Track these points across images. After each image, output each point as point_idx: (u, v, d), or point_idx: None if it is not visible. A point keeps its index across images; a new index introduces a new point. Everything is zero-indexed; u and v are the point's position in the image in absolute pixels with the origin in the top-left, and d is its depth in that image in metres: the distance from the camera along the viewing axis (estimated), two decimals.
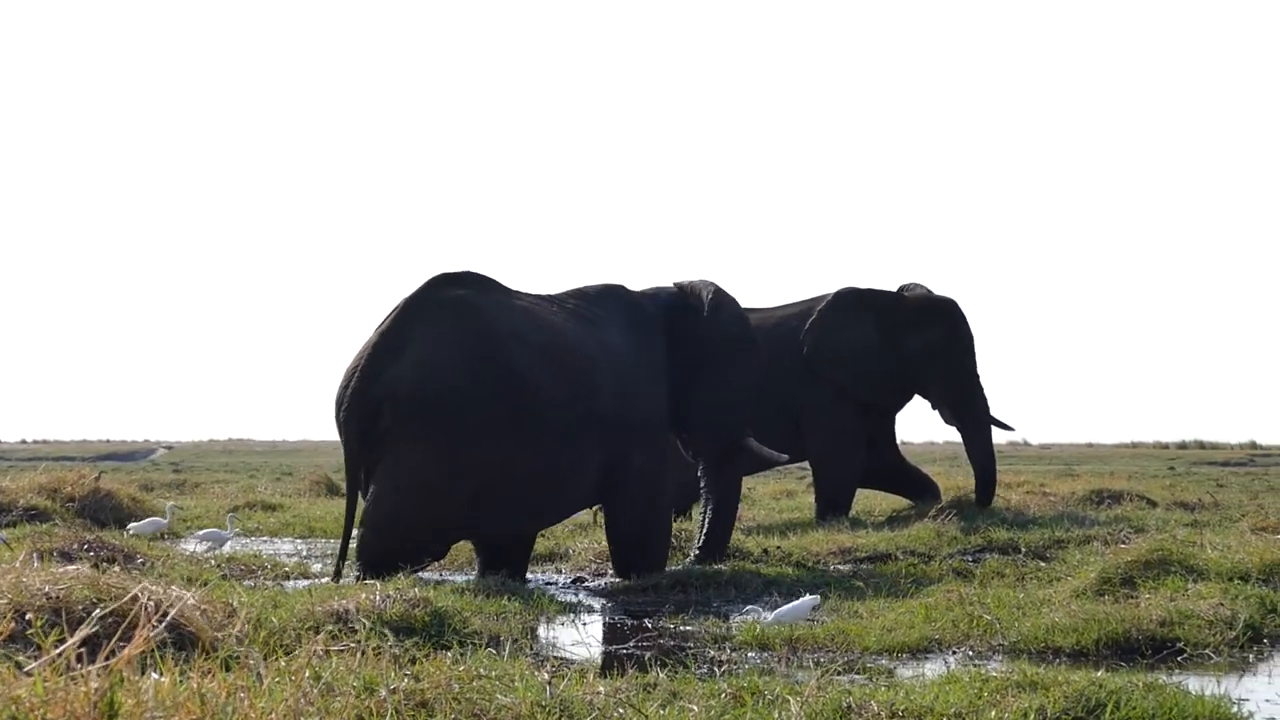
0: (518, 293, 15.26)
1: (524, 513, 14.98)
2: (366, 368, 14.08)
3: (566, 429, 14.63)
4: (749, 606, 12.71)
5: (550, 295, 15.67)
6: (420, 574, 13.56)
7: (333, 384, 14.39)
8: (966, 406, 22.37)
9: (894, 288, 22.99)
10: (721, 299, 16.50)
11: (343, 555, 14.37)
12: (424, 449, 13.91)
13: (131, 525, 18.10)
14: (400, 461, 13.96)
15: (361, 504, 14.32)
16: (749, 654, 10.76)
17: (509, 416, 14.21)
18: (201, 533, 17.84)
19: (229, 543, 17.38)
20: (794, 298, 23.28)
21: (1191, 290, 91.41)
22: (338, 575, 14.02)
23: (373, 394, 13.98)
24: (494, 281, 15.08)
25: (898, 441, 23.66)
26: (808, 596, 12.18)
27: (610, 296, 16.07)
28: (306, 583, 13.84)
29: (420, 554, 13.67)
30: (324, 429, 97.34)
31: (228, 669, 6.51)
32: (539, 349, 14.61)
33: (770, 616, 11.77)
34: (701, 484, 17.07)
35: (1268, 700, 8.98)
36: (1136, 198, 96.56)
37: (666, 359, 16.10)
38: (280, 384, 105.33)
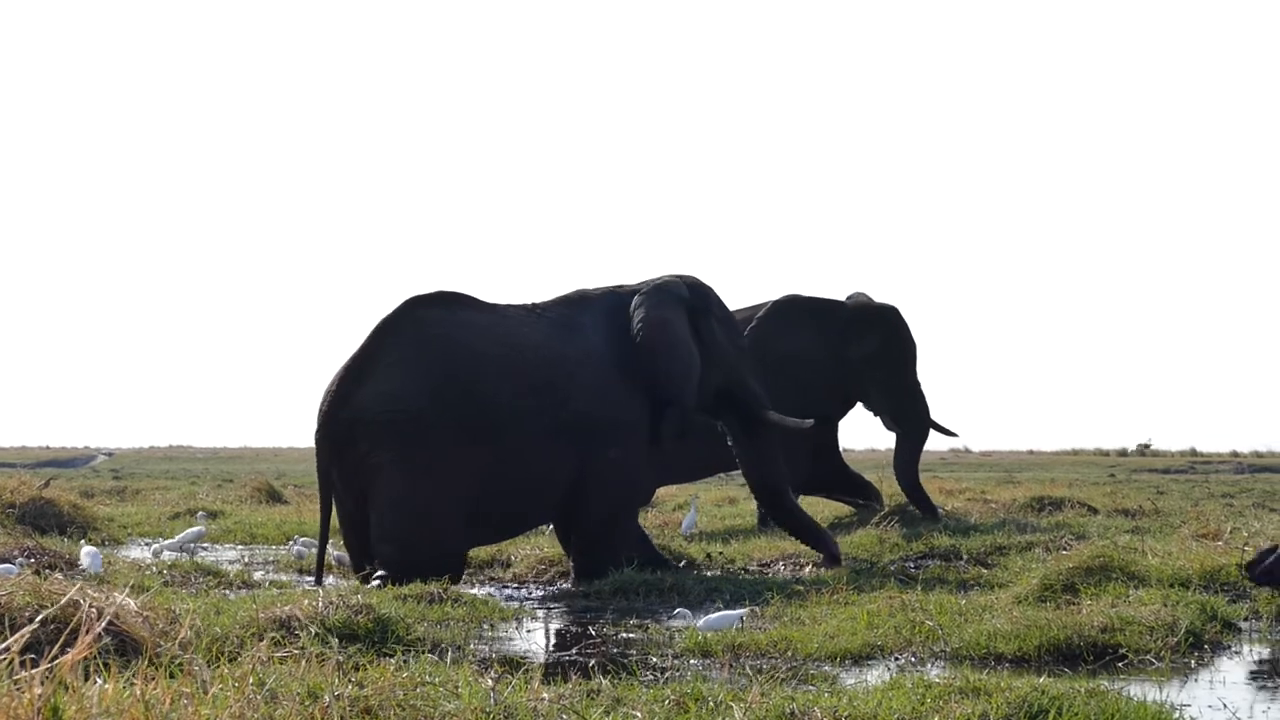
0: (493, 307, 15.67)
1: (508, 520, 15.68)
2: (337, 391, 14.77)
3: (535, 439, 15.11)
4: (679, 609, 12.73)
5: (535, 305, 16.07)
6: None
7: (274, 392, 14.95)
8: (906, 414, 22.38)
9: (839, 295, 23.00)
10: (659, 288, 16.71)
11: (321, 560, 14.99)
12: (404, 470, 14.54)
13: (173, 539, 18.12)
14: (391, 483, 14.58)
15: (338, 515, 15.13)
16: (691, 660, 10.76)
17: (474, 432, 14.76)
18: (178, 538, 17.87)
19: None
20: (744, 304, 23.24)
21: (1132, 299, 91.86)
22: (319, 580, 14.67)
23: (343, 416, 14.66)
24: (467, 299, 15.50)
25: (840, 448, 23.65)
26: (739, 610, 12.23)
27: (605, 299, 16.46)
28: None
29: (442, 564, 14.29)
30: (265, 436, 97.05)
31: (172, 676, 6.49)
32: (502, 364, 15.09)
33: (700, 623, 11.79)
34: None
35: (1209, 706, 9.03)
36: (1079, 206, 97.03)
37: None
38: (221, 391, 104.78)
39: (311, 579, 15.45)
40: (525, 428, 15.00)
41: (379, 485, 14.56)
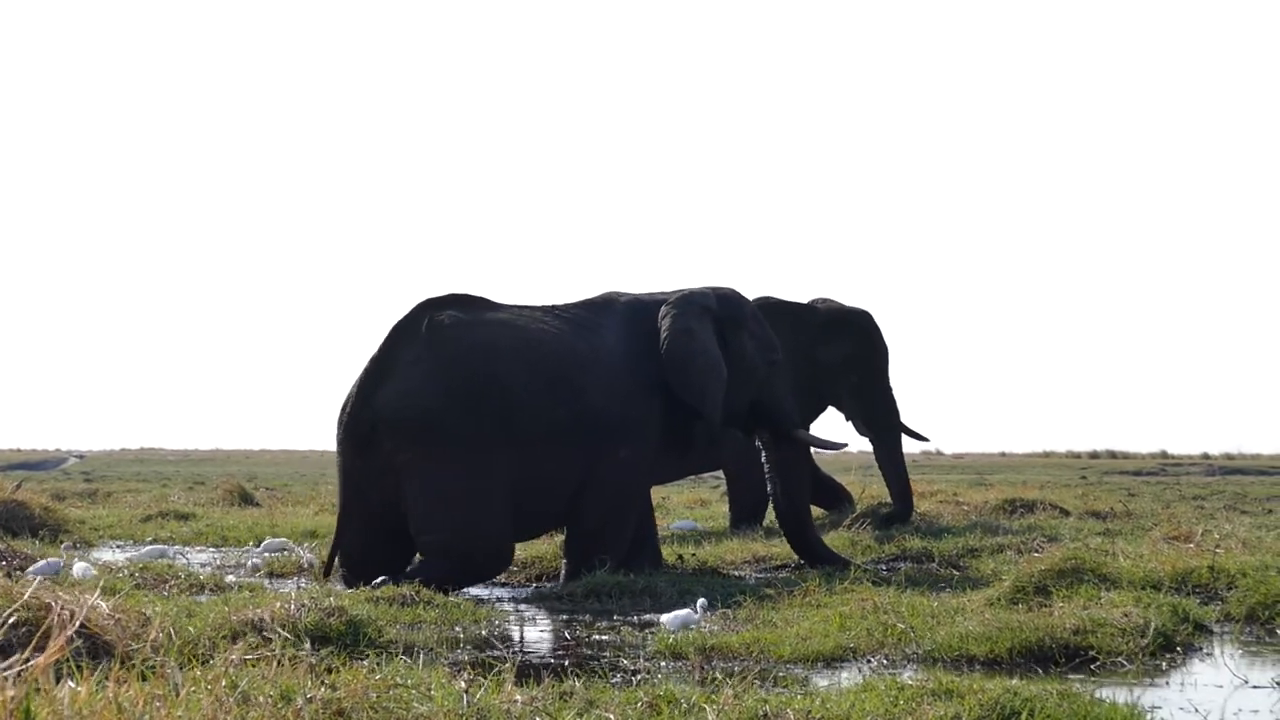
0: (505, 307, 15.94)
1: (532, 517, 15.73)
2: (359, 392, 15.12)
3: (549, 433, 15.31)
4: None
5: (551, 306, 16.28)
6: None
7: (246, 394, 15.16)
8: (879, 419, 22.43)
9: (806, 299, 23.05)
10: (685, 297, 16.73)
11: (332, 556, 15.31)
12: (436, 463, 14.81)
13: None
14: (425, 477, 14.85)
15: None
16: (663, 663, 10.76)
17: (491, 427, 14.99)
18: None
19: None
20: None
21: (1104, 302, 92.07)
22: (327, 573, 15.22)
23: (365, 416, 15.01)
24: (479, 299, 15.83)
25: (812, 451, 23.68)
26: (685, 610, 12.19)
27: (630, 303, 16.60)
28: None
29: (491, 554, 15.22)
30: (236, 438, 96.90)
31: (144, 678, 6.48)
32: (516, 358, 15.32)
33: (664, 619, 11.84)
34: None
35: (1180, 708, 9.05)
36: (1051, 209, 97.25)
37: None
38: (192, 393, 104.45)
39: (277, 581, 15.53)
40: (542, 422, 15.22)
41: (411, 481, 14.80)
